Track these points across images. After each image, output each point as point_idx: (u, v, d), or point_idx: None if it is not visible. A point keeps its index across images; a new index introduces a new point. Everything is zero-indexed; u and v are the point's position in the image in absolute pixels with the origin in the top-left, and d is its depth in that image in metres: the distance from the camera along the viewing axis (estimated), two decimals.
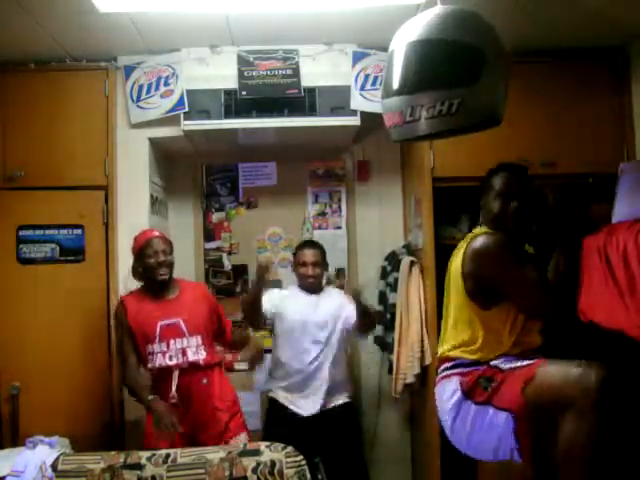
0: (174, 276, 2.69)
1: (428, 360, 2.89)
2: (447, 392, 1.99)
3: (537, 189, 2.06)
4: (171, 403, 2.48)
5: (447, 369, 2.01)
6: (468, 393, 1.93)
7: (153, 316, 2.57)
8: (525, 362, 1.89)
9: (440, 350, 2.09)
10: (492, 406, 1.87)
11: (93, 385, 2.85)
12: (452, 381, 1.98)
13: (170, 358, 2.53)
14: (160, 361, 2.53)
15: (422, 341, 2.93)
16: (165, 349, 2.54)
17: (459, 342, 1.99)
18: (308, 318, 2.92)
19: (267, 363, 3.09)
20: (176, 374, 2.52)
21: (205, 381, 2.58)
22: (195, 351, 2.56)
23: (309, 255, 2.98)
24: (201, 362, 2.56)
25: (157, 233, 2.69)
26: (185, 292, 2.68)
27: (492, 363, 1.93)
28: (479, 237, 1.98)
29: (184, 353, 2.54)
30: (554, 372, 1.81)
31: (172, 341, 2.53)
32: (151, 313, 2.58)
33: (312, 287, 3.00)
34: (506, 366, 1.90)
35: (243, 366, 3.19)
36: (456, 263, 2.01)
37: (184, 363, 2.53)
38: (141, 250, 2.61)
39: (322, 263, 3.02)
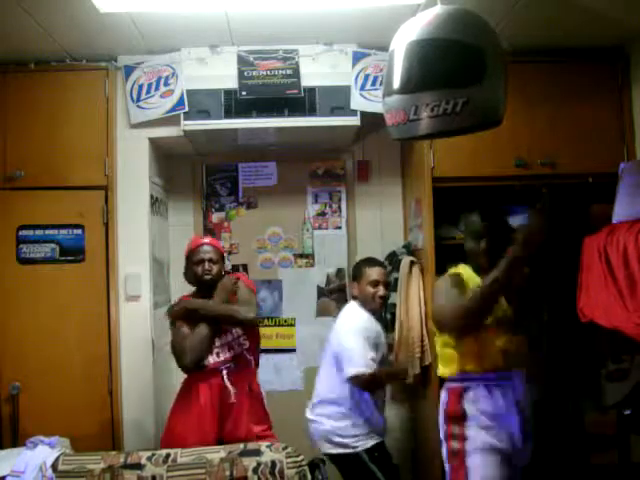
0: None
1: (428, 360, 2.89)
2: (441, 399, 2.26)
3: (536, 189, 2.07)
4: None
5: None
6: (449, 420, 2.18)
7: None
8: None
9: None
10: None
11: (93, 385, 2.84)
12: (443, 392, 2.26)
13: (217, 355, 2.49)
14: (208, 359, 2.48)
15: (422, 341, 2.93)
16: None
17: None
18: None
19: None
20: (225, 373, 2.46)
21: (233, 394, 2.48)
22: (239, 343, 2.52)
23: (382, 274, 2.71)
24: (246, 352, 2.52)
25: (207, 240, 2.68)
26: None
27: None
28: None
29: (230, 348, 2.50)
30: None
31: (223, 335, 2.50)
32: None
33: (379, 309, 2.75)
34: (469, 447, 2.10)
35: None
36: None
37: (231, 356, 2.49)
38: (189, 256, 2.62)
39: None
